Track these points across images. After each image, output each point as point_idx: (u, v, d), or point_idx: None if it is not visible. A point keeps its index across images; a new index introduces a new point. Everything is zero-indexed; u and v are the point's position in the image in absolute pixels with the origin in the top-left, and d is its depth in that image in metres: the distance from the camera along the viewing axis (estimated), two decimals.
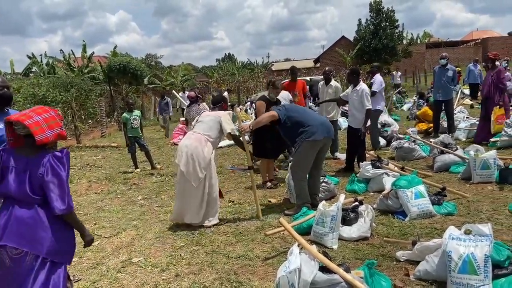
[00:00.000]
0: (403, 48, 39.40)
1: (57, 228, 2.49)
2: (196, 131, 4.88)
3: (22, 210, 2.42)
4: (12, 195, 2.44)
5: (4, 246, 2.39)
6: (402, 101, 16.71)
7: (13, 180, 2.42)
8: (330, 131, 4.92)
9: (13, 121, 2.42)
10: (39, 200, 2.43)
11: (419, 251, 3.33)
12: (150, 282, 3.52)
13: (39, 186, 2.41)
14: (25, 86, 16.18)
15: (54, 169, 2.41)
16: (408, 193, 4.46)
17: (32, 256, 2.41)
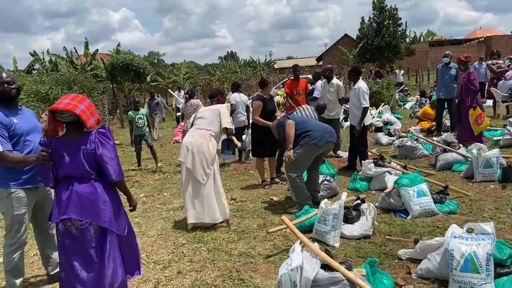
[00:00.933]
0: (406, 47, 39.32)
1: (112, 200, 2.84)
2: (198, 127, 4.84)
3: (82, 186, 2.75)
4: (71, 175, 2.76)
5: (69, 218, 2.72)
6: (405, 100, 16.66)
7: (70, 162, 2.74)
8: (332, 136, 5.01)
9: (59, 110, 2.68)
10: (95, 175, 2.78)
11: (421, 249, 3.33)
12: (152, 278, 3.53)
13: (94, 161, 2.75)
14: (28, 83, 16.20)
15: (103, 143, 2.76)
16: (410, 191, 4.46)
17: (95, 226, 2.76)
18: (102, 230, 2.80)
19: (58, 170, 2.79)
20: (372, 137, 9.52)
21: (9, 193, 3.12)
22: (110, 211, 2.81)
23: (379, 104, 12.98)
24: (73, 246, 2.79)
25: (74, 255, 2.79)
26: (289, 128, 4.88)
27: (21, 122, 3.17)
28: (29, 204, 3.23)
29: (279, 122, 5.19)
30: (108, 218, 2.79)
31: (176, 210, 5.50)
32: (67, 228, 2.77)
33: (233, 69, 39.83)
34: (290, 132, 4.86)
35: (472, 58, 9.38)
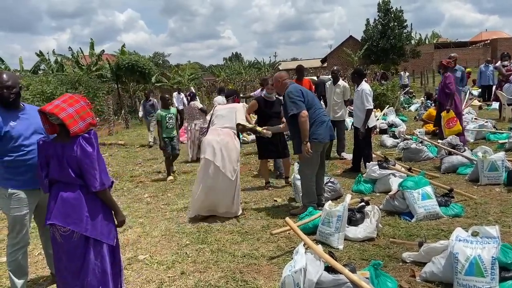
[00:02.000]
0: (411, 49, 39.15)
1: (98, 209, 2.70)
2: (221, 125, 5.01)
3: (67, 192, 2.65)
4: (58, 179, 2.68)
5: (54, 224, 2.64)
6: (410, 102, 16.61)
7: (56, 166, 2.65)
8: (332, 133, 5.01)
9: (47, 112, 2.60)
10: (80, 181, 2.64)
11: (426, 252, 3.31)
12: (156, 279, 3.54)
13: (77, 168, 2.62)
14: (34, 83, 16.31)
15: (84, 149, 2.60)
16: (415, 194, 4.44)
17: (78, 234, 2.64)
18: (86, 239, 2.66)
19: (49, 173, 2.71)
20: (376, 139, 9.49)
21: (10, 194, 3.12)
22: (95, 220, 2.67)
23: (384, 106, 12.94)
24: (58, 253, 2.72)
25: (60, 262, 2.72)
26: (304, 118, 4.62)
27: (20, 125, 3.11)
28: (31, 204, 3.22)
29: None
30: (91, 226, 2.64)
31: (180, 211, 5.51)
32: (53, 233, 2.69)
33: (238, 70, 39.88)
34: (305, 128, 4.64)
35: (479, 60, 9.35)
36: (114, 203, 2.82)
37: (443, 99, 7.74)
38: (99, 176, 2.63)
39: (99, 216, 2.70)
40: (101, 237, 2.70)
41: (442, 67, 7.96)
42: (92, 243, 2.68)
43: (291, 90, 4.75)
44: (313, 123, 4.73)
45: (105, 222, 2.74)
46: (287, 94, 4.75)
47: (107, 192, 2.73)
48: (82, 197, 2.65)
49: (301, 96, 4.69)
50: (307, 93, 4.85)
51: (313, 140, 4.72)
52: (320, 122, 4.77)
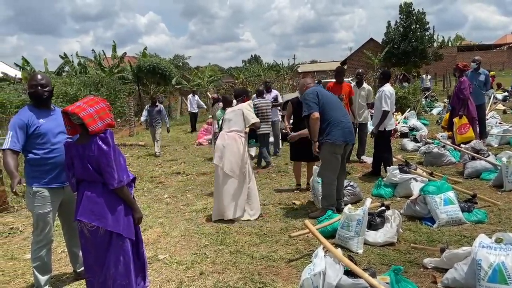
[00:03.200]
0: (434, 51, 38.53)
1: (120, 205, 2.81)
2: (228, 129, 5.13)
3: (91, 189, 2.77)
4: (82, 178, 2.80)
5: (80, 220, 2.77)
6: (432, 105, 16.34)
7: (79, 165, 2.77)
8: (350, 136, 4.90)
9: (69, 113, 2.72)
10: (102, 179, 2.74)
11: (448, 258, 3.25)
12: (175, 279, 3.57)
13: (96, 166, 2.72)
14: (58, 84, 16.69)
15: (101, 148, 2.70)
16: (437, 199, 4.37)
17: (103, 230, 2.76)
18: (110, 234, 2.80)
19: (74, 172, 2.85)
20: (397, 143, 9.38)
21: (34, 192, 3.22)
22: (118, 216, 2.79)
23: (405, 109, 12.76)
24: (86, 247, 2.86)
25: (88, 256, 2.86)
26: (315, 120, 4.72)
27: (49, 123, 3.26)
28: (54, 202, 3.32)
29: None
30: (114, 222, 2.77)
31: (199, 211, 5.55)
32: (81, 229, 2.83)
33: (257, 72, 39.92)
34: (314, 129, 4.76)
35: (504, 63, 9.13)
36: (131, 200, 2.90)
37: (456, 104, 7.63)
38: (116, 173, 2.72)
39: (122, 212, 2.81)
40: (123, 232, 2.81)
41: (458, 70, 7.83)
42: (115, 238, 2.79)
43: (307, 92, 4.91)
44: (328, 123, 4.74)
45: (127, 217, 2.85)
46: (303, 96, 4.95)
47: (124, 189, 2.81)
48: (104, 194, 2.76)
49: (315, 98, 4.79)
50: (323, 95, 4.91)
51: (326, 140, 4.73)
52: (336, 123, 4.75)
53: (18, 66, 23.54)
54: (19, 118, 3.19)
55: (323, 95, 4.93)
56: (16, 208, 6.25)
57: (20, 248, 4.68)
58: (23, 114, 3.23)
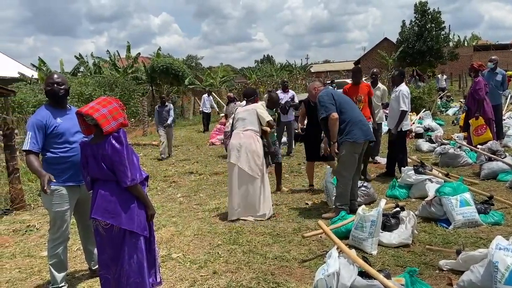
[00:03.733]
0: (449, 51, 38.05)
1: (134, 203, 2.84)
2: (242, 129, 5.14)
3: (104, 188, 2.82)
4: (97, 177, 2.85)
5: (95, 218, 2.82)
6: (447, 106, 16.13)
7: (93, 164, 2.82)
8: (370, 134, 4.91)
9: (83, 114, 2.78)
10: (115, 178, 2.78)
11: (464, 260, 3.21)
12: (189, 277, 3.59)
13: (110, 165, 2.76)
14: (73, 85, 16.94)
15: (114, 147, 2.74)
16: (453, 200, 4.30)
17: (117, 228, 2.80)
18: (124, 232, 2.83)
19: (88, 172, 2.89)
20: (412, 143, 9.27)
21: (52, 190, 3.23)
22: (131, 213, 2.82)
23: (420, 109, 12.62)
24: (101, 244, 2.91)
25: (103, 253, 2.91)
26: (334, 121, 4.70)
27: (66, 122, 3.30)
28: (71, 200, 3.36)
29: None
30: (128, 220, 2.80)
31: (211, 211, 5.57)
32: (96, 226, 2.88)
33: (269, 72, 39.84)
34: (334, 130, 4.73)
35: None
36: (145, 197, 2.93)
37: (472, 105, 7.52)
38: (129, 172, 2.76)
39: (135, 210, 2.84)
40: (137, 230, 2.84)
41: (473, 70, 7.67)
42: (128, 236, 2.83)
43: (321, 95, 4.89)
44: (347, 123, 4.73)
45: (140, 215, 2.88)
46: (318, 99, 4.90)
47: (137, 187, 2.84)
48: (118, 192, 2.80)
49: (331, 99, 4.78)
50: (337, 95, 4.91)
51: (347, 140, 4.70)
52: (355, 122, 4.74)
53: (35, 67, 23.95)
54: (37, 118, 3.24)
55: (338, 95, 4.95)
56: (33, 206, 6.35)
57: (37, 245, 4.75)
58: (41, 113, 3.28)
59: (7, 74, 21.60)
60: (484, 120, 7.39)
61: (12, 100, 13.17)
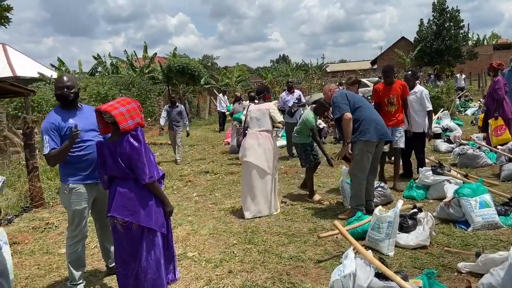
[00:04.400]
0: (468, 50, 37.39)
1: (152, 200, 2.88)
2: (259, 128, 5.28)
3: (123, 186, 2.86)
4: (115, 175, 2.89)
5: (114, 216, 2.85)
6: (466, 105, 15.84)
7: (111, 163, 2.86)
8: (385, 133, 4.82)
9: (102, 111, 2.84)
10: (134, 175, 2.82)
11: (483, 263, 3.14)
12: (204, 276, 3.60)
13: (128, 163, 2.80)
14: (91, 84, 17.19)
15: (132, 145, 2.79)
16: (472, 202, 4.22)
17: (136, 225, 2.84)
18: (142, 229, 2.87)
19: (106, 170, 2.93)
20: (429, 143, 9.13)
21: (70, 188, 3.31)
22: (150, 211, 2.85)
23: (438, 109, 12.42)
24: (119, 242, 2.94)
25: (121, 251, 2.93)
26: (347, 122, 4.67)
27: (79, 122, 3.30)
28: (89, 198, 3.40)
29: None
30: (146, 217, 2.84)
31: (227, 210, 5.58)
32: (114, 224, 2.91)
33: (285, 72, 39.75)
34: (347, 130, 4.70)
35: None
36: (162, 194, 2.97)
37: (491, 105, 7.35)
38: (148, 169, 2.80)
39: (153, 207, 2.88)
40: (155, 227, 2.88)
41: (492, 69, 7.48)
42: (146, 232, 2.86)
43: (335, 96, 4.89)
44: (360, 122, 4.69)
45: (158, 212, 2.92)
46: (332, 101, 4.90)
47: (155, 184, 2.89)
48: (136, 190, 2.83)
49: (345, 99, 4.77)
50: (351, 96, 4.89)
51: (360, 139, 4.66)
52: (369, 121, 4.70)
53: (54, 67, 24.40)
54: (49, 122, 3.26)
55: (351, 95, 4.92)
56: (52, 204, 6.47)
57: (55, 243, 4.83)
58: (52, 117, 3.29)
59: (27, 74, 22.02)
60: (504, 121, 7.23)
61: (31, 99, 13.43)
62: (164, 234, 2.98)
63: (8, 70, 22.65)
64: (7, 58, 23.84)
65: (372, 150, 4.74)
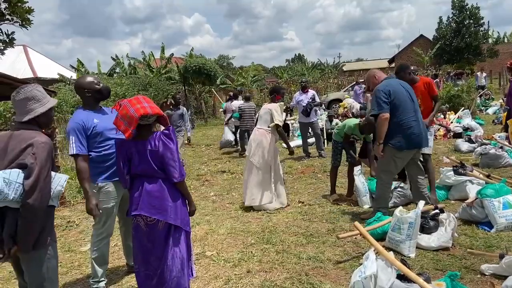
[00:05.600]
0: (489, 48, 36.60)
1: (179, 198, 2.90)
2: (258, 126, 5.75)
3: (151, 185, 2.85)
4: (142, 174, 2.87)
5: (140, 214, 2.85)
6: (487, 104, 15.50)
7: (139, 161, 2.84)
8: (418, 142, 4.47)
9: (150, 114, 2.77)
10: (162, 174, 2.83)
11: (507, 265, 3.07)
12: (223, 276, 3.61)
13: (158, 161, 2.80)
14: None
15: (165, 144, 2.79)
16: (496, 202, 4.12)
17: (162, 223, 2.85)
18: (169, 227, 2.87)
19: (131, 169, 2.91)
20: (450, 143, 8.98)
21: (99, 187, 3.35)
22: (177, 209, 2.87)
23: (459, 108, 12.19)
24: (142, 240, 2.92)
25: (143, 250, 2.92)
26: (384, 121, 4.37)
27: (102, 121, 3.37)
28: (118, 197, 3.45)
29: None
30: (174, 215, 2.85)
31: (244, 210, 5.58)
32: (137, 223, 2.90)
33: (301, 71, 39.61)
34: (382, 130, 4.42)
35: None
36: (189, 193, 3.01)
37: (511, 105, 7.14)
38: (179, 168, 2.81)
39: (180, 205, 2.89)
40: (181, 225, 2.89)
41: (509, 70, 7.27)
42: (173, 231, 2.88)
43: (379, 89, 4.49)
44: (395, 126, 4.39)
45: (184, 210, 2.94)
46: (375, 91, 4.52)
47: (184, 183, 2.91)
48: (165, 188, 2.84)
49: (387, 97, 4.38)
50: (396, 94, 4.42)
51: (389, 144, 4.43)
52: (405, 128, 4.38)
53: (74, 68, 24.79)
54: (75, 122, 3.29)
55: (396, 94, 4.42)
56: (73, 202, 6.58)
57: (76, 241, 4.91)
58: (78, 117, 3.32)
59: (47, 75, 22.49)
60: None
61: None
62: (188, 233, 3.00)
63: (29, 71, 23.16)
64: (28, 59, 24.37)
65: (402, 156, 4.48)
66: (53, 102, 2.57)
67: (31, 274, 2.45)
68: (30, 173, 2.23)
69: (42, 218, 2.35)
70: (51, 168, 2.39)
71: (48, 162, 2.34)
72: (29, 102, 2.46)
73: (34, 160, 2.26)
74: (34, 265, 2.44)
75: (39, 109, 2.47)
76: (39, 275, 2.44)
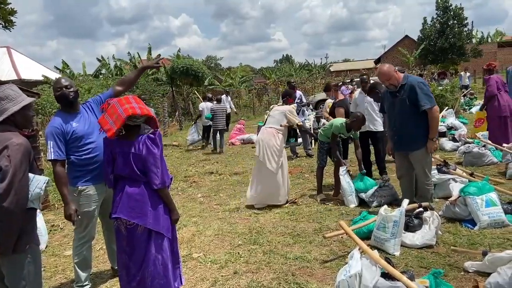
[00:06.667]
0: (472, 48, 37.17)
1: (160, 204, 2.85)
2: (268, 125, 5.75)
3: (132, 187, 2.80)
4: (123, 175, 2.82)
5: (119, 217, 2.80)
6: (471, 104, 15.75)
7: (122, 162, 2.80)
8: None
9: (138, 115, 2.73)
10: (144, 178, 2.78)
11: (490, 262, 3.12)
12: (210, 277, 3.60)
13: (141, 165, 2.75)
14: (95, 87, 17.26)
15: (149, 148, 2.75)
16: (478, 200, 4.19)
17: (142, 228, 2.79)
18: (149, 232, 2.81)
19: (114, 169, 2.86)
20: None
21: (79, 191, 3.30)
22: (158, 214, 2.81)
23: (442, 108, 12.35)
24: (122, 245, 2.88)
25: (124, 253, 2.87)
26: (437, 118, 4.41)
27: (81, 124, 3.30)
28: (99, 200, 3.41)
29: None
30: (154, 220, 2.79)
31: (232, 211, 5.58)
32: (118, 226, 2.86)
33: (288, 72, 39.72)
34: (436, 126, 4.45)
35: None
36: (171, 201, 2.93)
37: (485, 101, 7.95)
38: (161, 175, 2.76)
39: (161, 211, 2.84)
40: (162, 231, 2.84)
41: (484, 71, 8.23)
42: (153, 236, 2.82)
43: (422, 81, 4.46)
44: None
45: (166, 216, 2.88)
46: (418, 84, 4.37)
47: (166, 190, 2.85)
48: (146, 193, 2.79)
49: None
50: None
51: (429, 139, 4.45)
52: None
53: (58, 69, 24.49)
54: (53, 126, 3.22)
55: None
56: (57, 206, 6.49)
57: (61, 245, 4.85)
58: (56, 121, 3.25)
59: (32, 77, 22.13)
60: (498, 118, 7.49)
61: (35, 102, 13.50)
62: (170, 239, 2.94)
63: (13, 73, 22.76)
64: (11, 61, 23.93)
65: None
66: (28, 100, 2.50)
67: (11, 278, 2.41)
68: (4, 176, 2.19)
69: (21, 221, 2.31)
70: (27, 170, 2.34)
71: (23, 164, 2.29)
72: (3, 101, 2.41)
73: (8, 162, 2.21)
74: (15, 268, 2.40)
75: (13, 108, 2.41)
76: (19, 279, 2.40)
